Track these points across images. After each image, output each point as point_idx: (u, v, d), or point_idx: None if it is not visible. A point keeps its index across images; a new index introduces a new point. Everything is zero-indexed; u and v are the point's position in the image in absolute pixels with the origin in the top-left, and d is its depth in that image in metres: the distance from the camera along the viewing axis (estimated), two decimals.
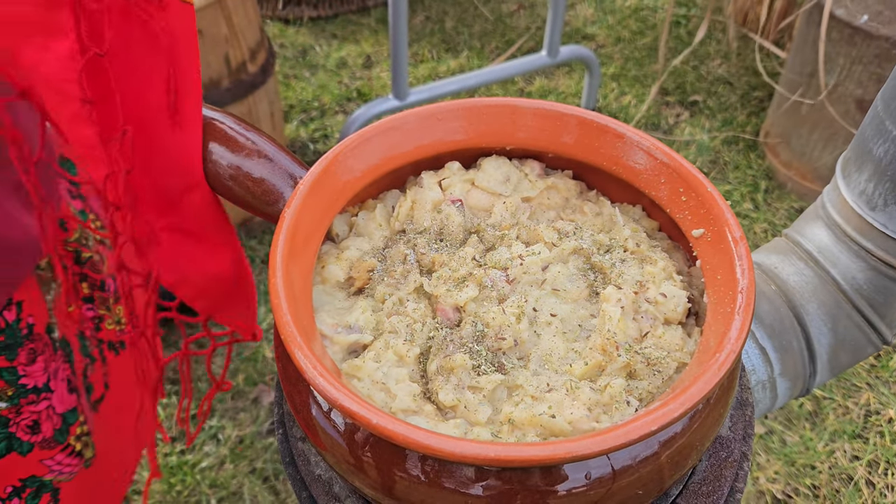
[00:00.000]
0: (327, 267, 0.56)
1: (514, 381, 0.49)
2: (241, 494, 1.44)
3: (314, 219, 0.54)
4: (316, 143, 2.29)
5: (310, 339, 0.46)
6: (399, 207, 0.60)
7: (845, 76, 1.82)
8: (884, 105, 0.64)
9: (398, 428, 0.40)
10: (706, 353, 0.46)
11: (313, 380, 0.42)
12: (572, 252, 0.56)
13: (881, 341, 0.72)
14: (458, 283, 0.53)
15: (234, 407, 1.58)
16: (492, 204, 0.60)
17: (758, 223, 2.03)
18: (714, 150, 2.26)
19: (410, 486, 0.45)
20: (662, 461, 0.46)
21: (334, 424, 0.48)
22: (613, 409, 0.47)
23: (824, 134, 1.95)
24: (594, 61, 2.27)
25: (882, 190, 0.65)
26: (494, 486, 0.44)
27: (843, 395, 1.62)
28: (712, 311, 0.49)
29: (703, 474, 0.54)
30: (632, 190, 0.59)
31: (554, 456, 0.39)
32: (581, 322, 0.53)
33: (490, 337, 0.50)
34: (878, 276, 0.69)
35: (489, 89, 2.52)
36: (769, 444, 1.53)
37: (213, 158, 0.61)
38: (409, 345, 0.50)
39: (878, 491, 1.46)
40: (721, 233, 0.51)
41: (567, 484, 0.44)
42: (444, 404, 0.48)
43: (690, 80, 2.54)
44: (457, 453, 0.39)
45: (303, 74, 2.60)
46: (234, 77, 1.65)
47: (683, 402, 0.41)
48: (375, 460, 0.46)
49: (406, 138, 0.59)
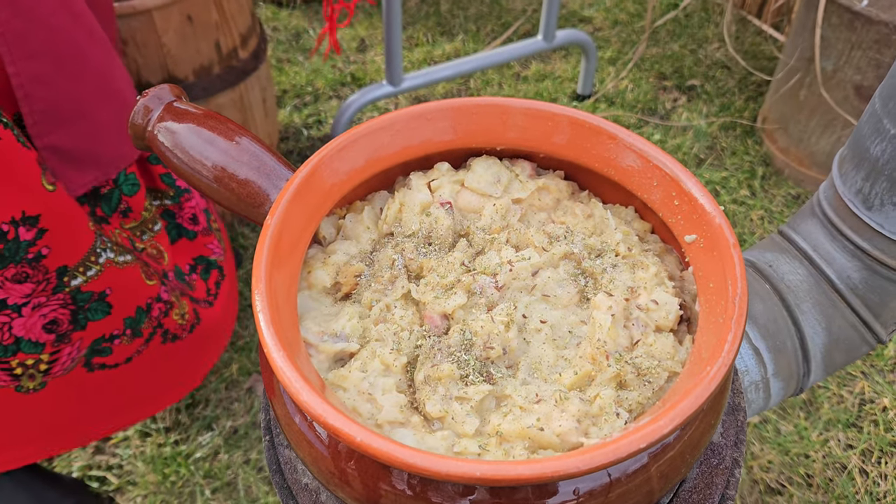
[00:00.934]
0: (314, 272, 0.55)
1: (503, 392, 0.48)
2: (236, 485, 1.44)
3: (300, 224, 0.53)
4: (310, 129, 2.27)
5: (293, 352, 0.45)
6: (387, 210, 0.58)
7: (844, 62, 1.80)
8: (882, 103, 0.63)
9: (382, 446, 0.39)
10: (698, 365, 0.45)
11: (296, 395, 0.41)
12: (563, 257, 0.55)
13: (876, 340, 0.72)
14: (447, 290, 0.52)
15: (228, 397, 1.58)
16: (482, 205, 0.59)
17: (754, 210, 2.02)
18: (711, 136, 2.24)
19: (396, 501, 0.45)
20: (652, 474, 0.45)
21: (318, 436, 0.47)
22: (603, 420, 0.46)
23: (822, 120, 1.93)
24: (591, 45, 2.25)
25: (879, 189, 0.64)
26: (482, 500, 0.43)
27: (837, 384, 1.62)
28: (704, 319, 0.48)
29: (694, 482, 0.54)
30: (624, 192, 0.58)
31: (542, 475, 0.38)
32: (571, 328, 0.52)
33: (478, 346, 0.49)
34: (873, 275, 0.68)
35: (485, 74, 2.49)
36: (763, 433, 1.53)
37: (195, 157, 0.59)
38: (396, 354, 0.49)
39: (871, 479, 1.46)
40: (714, 239, 0.50)
41: (556, 498, 0.43)
42: (432, 415, 0.47)
43: (688, 64, 2.51)
44: (443, 472, 0.38)
45: (296, 58, 2.57)
46: (226, 63, 1.62)
47: (673, 417, 0.40)
48: (360, 473, 0.45)
49: (394, 139, 0.58)
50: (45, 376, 1.00)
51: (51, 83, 0.90)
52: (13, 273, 0.88)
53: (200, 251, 1.27)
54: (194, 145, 0.58)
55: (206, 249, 1.28)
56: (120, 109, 1.03)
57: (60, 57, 0.90)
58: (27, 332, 0.94)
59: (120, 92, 1.03)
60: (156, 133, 0.59)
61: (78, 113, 0.95)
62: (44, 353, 0.97)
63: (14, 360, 0.95)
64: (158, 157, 0.60)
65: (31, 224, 0.88)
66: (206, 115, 0.60)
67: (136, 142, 0.61)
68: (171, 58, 1.51)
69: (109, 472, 1.46)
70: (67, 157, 0.95)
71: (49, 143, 0.92)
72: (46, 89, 0.90)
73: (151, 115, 0.60)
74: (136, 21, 1.42)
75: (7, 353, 0.94)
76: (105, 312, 1.02)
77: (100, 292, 1.00)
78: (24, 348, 0.95)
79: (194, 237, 1.25)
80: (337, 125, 1.97)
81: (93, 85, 0.97)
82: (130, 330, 1.08)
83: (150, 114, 0.60)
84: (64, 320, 0.96)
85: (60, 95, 0.92)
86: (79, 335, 1.01)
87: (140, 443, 1.50)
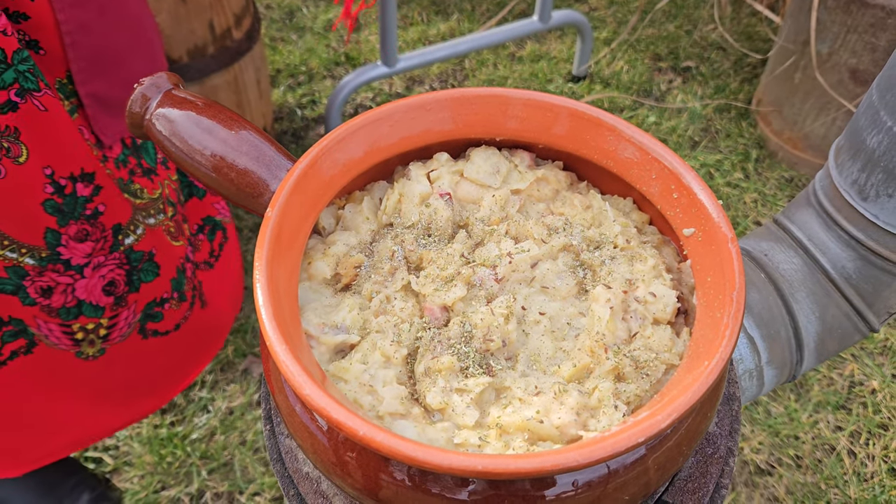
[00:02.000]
0: (314, 263, 0.55)
1: (502, 384, 0.49)
2: (232, 465, 1.45)
3: (300, 215, 0.53)
4: (304, 109, 2.25)
5: (295, 344, 0.45)
6: (386, 200, 0.58)
7: (840, 45, 1.80)
8: (879, 95, 0.63)
9: (385, 440, 0.40)
10: (695, 359, 0.45)
11: (299, 389, 0.42)
12: (562, 249, 0.55)
13: (868, 329, 0.73)
14: (446, 282, 0.53)
15: (224, 378, 1.59)
16: (481, 196, 0.59)
17: (748, 193, 2.02)
18: (706, 118, 2.24)
19: (395, 491, 0.45)
20: (649, 465, 0.46)
21: (319, 426, 0.48)
22: (601, 413, 0.46)
23: (817, 103, 1.93)
24: (587, 26, 2.24)
25: (875, 181, 0.65)
26: (480, 491, 0.44)
27: (828, 367, 1.63)
28: (702, 313, 0.49)
29: (689, 471, 0.55)
30: (622, 183, 0.58)
31: (542, 468, 0.39)
32: (570, 320, 0.52)
33: (478, 338, 0.50)
34: (867, 265, 0.69)
35: (480, 54, 2.48)
36: (754, 415, 1.55)
37: (193, 146, 0.59)
38: (397, 346, 0.50)
39: (858, 460, 1.48)
40: (712, 233, 0.50)
41: (554, 490, 0.44)
42: (432, 407, 0.48)
43: (683, 46, 2.51)
44: (444, 466, 0.39)
45: (290, 37, 2.55)
46: (220, 44, 1.61)
47: (671, 412, 0.41)
48: (360, 464, 0.46)
49: (393, 129, 0.58)
50: (105, 342, 1.03)
51: (95, 30, 0.92)
52: (75, 231, 0.91)
53: (208, 211, 1.27)
54: (193, 134, 0.58)
55: (214, 209, 1.28)
56: (151, 59, 1.05)
57: (102, 5, 0.93)
58: (88, 295, 0.96)
59: (151, 42, 1.05)
60: (153, 121, 0.59)
61: (117, 60, 0.97)
62: (103, 318, 1.00)
63: (76, 324, 0.98)
64: None
65: (88, 181, 0.91)
66: (206, 103, 0.59)
67: (133, 130, 0.61)
68: (164, 38, 1.49)
69: (105, 453, 1.47)
70: (107, 104, 0.98)
71: (92, 91, 0.95)
72: (91, 37, 0.92)
73: (149, 103, 0.59)
74: None
75: (69, 317, 0.96)
76: (155, 273, 1.04)
77: (148, 252, 1.02)
78: (85, 311, 0.97)
79: (203, 195, 1.26)
80: (332, 105, 1.96)
81: (129, 33, 0.99)
82: (177, 293, 1.10)
83: (147, 102, 0.59)
84: (120, 281, 0.99)
85: (103, 43, 0.95)
86: (134, 297, 1.03)
87: (136, 424, 1.51)
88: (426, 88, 2.37)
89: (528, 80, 2.39)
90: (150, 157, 1.08)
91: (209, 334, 1.28)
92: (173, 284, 1.09)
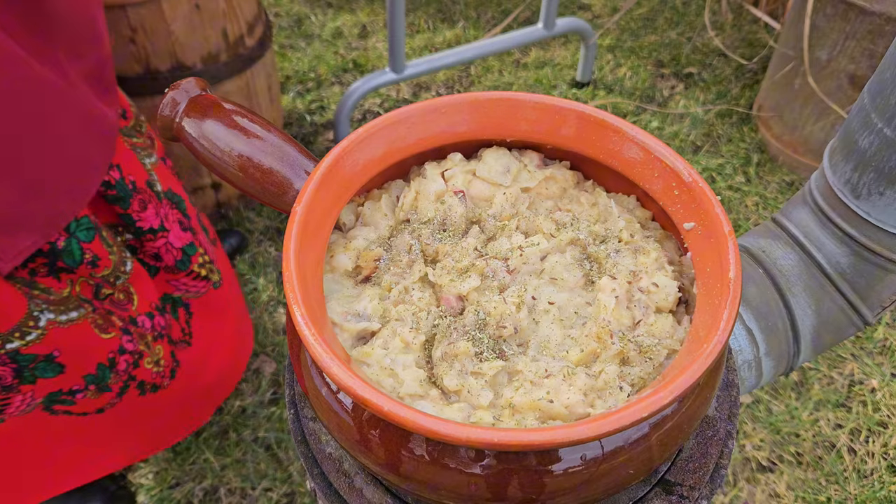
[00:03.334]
0: (336, 256, 0.58)
1: (515, 367, 0.52)
2: (245, 462, 1.49)
3: (324, 210, 0.56)
4: (313, 115, 2.29)
5: (322, 329, 0.48)
6: (404, 198, 0.62)
7: (838, 51, 1.84)
8: (870, 98, 0.67)
9: (408, 415, 0.43)
10: (695, 343, 0.49)
11: (328, 369, 0.45)
12: (569, 242, 0.59)
13: (862, 322, 0.76)
14: (461, 274, 0.56)
15: None
16: (492, 194, 0.63)
17: (749, 196, 2.05)
18: (708, 123, 2.27)
19: (415, 465, 0.48)
20: (652, 442, 0.49)
21: (343, 406, 0.51)
22: (607, 394, 0.50)
23: (817, 108, 1.97)
24: (590, 33, 2.27)
25: (866, 180, 0.68)
26: (494, 465, 0.47)
27: (828, 365, 1.66)
28: (701, 301, 0.52)
29: (690, 452, 0.58)
30: (626, 181, 0.62)
31: (553, 441, 0.42)
32: (577, 309, 0.56)
33: (491, 325, 0.53)
34: (860, 260, 0.72)
35: (485, 61, 2.52)
36: (756, 413, 1.58)
37: (221, 148, 0.62)
38: (415, 332, 0.53)
39: (859, 458, 1.51)
40: (711, 227, 0.53)
41: (562, 464, 0.47)
42: (449, 389, 0.51)
43: (686, 52, 2.54)
44: (462, 438, 0.42)
45: (298, 44, 2.59)
46: (232, 51, 1.65)
47: (673, 390, 0.44)
48: (383, 441, 0.49)
49: (410, 131, 0.61)
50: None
51: None
52: None
53: (164, 288, 1.18)
54: (220, 136, 0.62)
55: (170, 287, 1.19)
56: (60, 160, 0.91)
57: None
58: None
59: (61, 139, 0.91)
60: (183, 125, 0.62)
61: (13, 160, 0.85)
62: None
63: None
64: (168, 160, 0.63)
65: None
66: (232, 107, 0.63)
67: (164, 133, 0.64)
68: (179, 45, 1.53)
69: None
70: None
71: None
72: None
73: (178, 107, 0.63)
74: (145, 9, 1.44)
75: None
76: (57, 371, 0.98)
77: (46, 354, 0.95)
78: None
79: (156, 273, 1.17)
80: (341, 111, 2.00)
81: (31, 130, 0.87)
82: (94, 386, 1.03)
83: (177, 106, 0.63)
84: (7, 376, 0.93)
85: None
86: (28, 388, 0.96)
87: None
88: (432, 94, 2.41)
89: (532, 86, 2.42)
90: (73, 259, 0.98)
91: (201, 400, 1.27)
92: (89, 379, 1.02)
